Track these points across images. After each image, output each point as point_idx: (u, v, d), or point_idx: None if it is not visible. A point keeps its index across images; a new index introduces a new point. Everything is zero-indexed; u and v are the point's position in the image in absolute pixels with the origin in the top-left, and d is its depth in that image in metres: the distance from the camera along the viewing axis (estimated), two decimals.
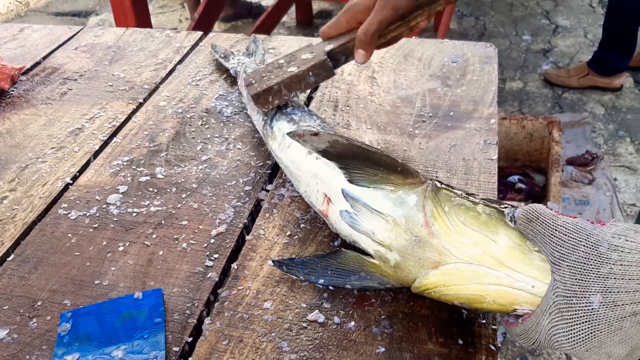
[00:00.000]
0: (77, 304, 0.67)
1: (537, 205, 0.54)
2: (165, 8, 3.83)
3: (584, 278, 0.48)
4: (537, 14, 3.47)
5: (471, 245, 0.56)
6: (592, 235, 0.49)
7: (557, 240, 0.51)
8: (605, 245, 0.48)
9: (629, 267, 0.46)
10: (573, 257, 0.49)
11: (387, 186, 0.63)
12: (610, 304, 0.46)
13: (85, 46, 1.22)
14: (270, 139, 0.83)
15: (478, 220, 0.57)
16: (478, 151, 0.86)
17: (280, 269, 0.69)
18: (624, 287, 0.46)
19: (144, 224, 0.77)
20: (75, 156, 0.90)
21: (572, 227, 0.51)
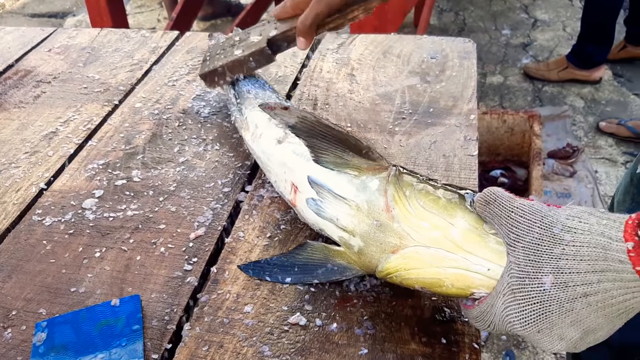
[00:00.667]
0: (53, 312, 0.65)
1: (495, 188, 0.54)
2: (143, 8, 3.79)
3: (537, 259, 0.48)
4: (516, 8, 3.48)
5: (430, 229, 0.56)
6: (546, 216, 0.49)
7: (513, 221, 0.51)
8: (559, 227, 0.48)
9: (580, 248, 0.46)
10: (528, 238, 0.49)
11: (351, 171, 0.64)
12: (561, 285, 0.47)
13: (59, 48, 1.19)
14: (243, 130, 0.84)
15: (437, 204, 0.57)
16: (458, 147, 0.86)
17: (246, 273, 0.68)
18: (576, 268, 0.46)
19: (120, 228, 0.76)
20: (49, 161, 0.88)
21: (528, 209, 0.51)
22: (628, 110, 2.58)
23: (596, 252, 0.45)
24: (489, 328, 0.55)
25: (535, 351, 1.65)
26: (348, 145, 0.65)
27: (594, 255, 0.45)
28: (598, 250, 0.45)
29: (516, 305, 0.49)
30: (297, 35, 0.82)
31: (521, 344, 1.66)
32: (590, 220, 0.47)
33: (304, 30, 0.81)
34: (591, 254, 0.46)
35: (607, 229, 0.46)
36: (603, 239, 0.45)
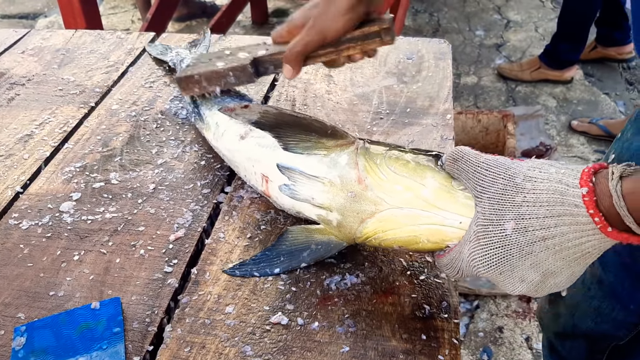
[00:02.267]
0: (32, 316, 0.65)
1: (462, 147, 0.58)
2: (116, 9, 3.75)
3: (501, 207, 0.51)
4: (489, 9, 3.53)
5: (402, 191, 0.60)
6: (510, 168, 0.52)
7: (479, 175, 0.54)
8: (521, 177, 0.51)
9: (540, 194, 0.49)
10: (493, 189, 0.52)
11: (319, 151, 0.67)
12: (522, 230, 0.50)
13: (32, 49, 1.18)
14: (205, 131, 0.85)
15: (407, 167, 0.61)
16: (435, 146, 0.87)
17: (233, 275, 0.68)
18: (535, 213, 0.49)
19: (99, 231, 0.75)
20: (25, 164, 0.87)
21: (493, 162, 0.54)
22: (599, 109, 2.63)
23: (554, 197, 0.48)
24: (458, 274, 0.58)
25: (512, 347, 1.68)
26: (313, 129, 0.67)
27: (552, 201, 0.49)
28: (556, 195, 0.48)
29: (480, 250, 0.53)
30: (284, 61, 0.77)
31: (498, 340, 1.68)
32: (550, 170, 0.50)
33: (290, 57, 0.76)
34: (549, 199, 0.49)
35: (564, 177, 0.49)
36: (561, 186, 0.48)
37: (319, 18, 0.72)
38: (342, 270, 0.69)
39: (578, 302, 0.97)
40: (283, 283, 0.67)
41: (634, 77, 2.88)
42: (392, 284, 0.67)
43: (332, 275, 0.68)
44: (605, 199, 0.47)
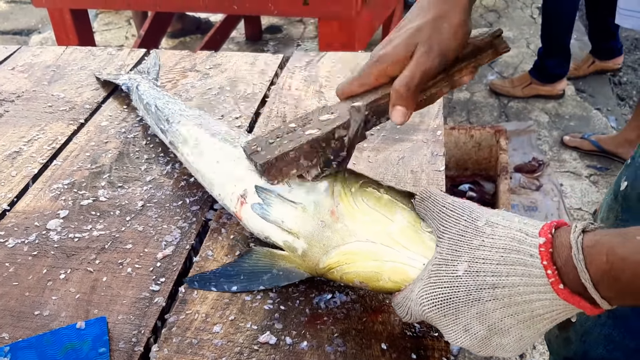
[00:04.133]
0: (16, 336, 0.63)
1: (432, 188, 0.58)
2: (110, 25, 3.76)
3: (458, 248, 0.50)
4: (480, 25, 3.56)
5: (371, 223, 0.59)
6: (474, 211, 0.52)
7: (443, 215, 0.54)
8: (483, 220, 0.51)
9: (498, 240, 0.49)
10: (454, 230, 0.52)
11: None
12: (473, 273, 0.48)
13: (22, 66, 1.18)
14: (180, 144, 0.83)
15: (379, 201, 0.60)
16: (426, 163, 0.87)
17: (192, 286, 0.68)
18: (489, 258, 0.48)
19: (86, 249, 0.74)
20: (12, 181, 0.86)
21: (458, 204, 0.53)
22: (590, 125, 2.64)
23: (511, 244, 0.48)
24: (407, 316, 0.56)
25: None
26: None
27: (508, 247, 0.48)
28: (513, 243, 0.48)
29: (428, 288, 0.51)
30: (393, 103, 0.62)
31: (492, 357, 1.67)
32: (514, 219, 0.50)
33: (406, 95, 0.61)
34: (506, 245, 0.48)
35: (526, 226, 0.48)
36: (519, 234, 0.48)
37: (434, 39, 0.61)
38: (332, 288, 0.68)
39: (589, 328, 0.95)
40: (272, 301, 0.67)
41: (625, 92, 2.90)
42: (382, 302, 0.66)
43: (321, 293, 0.67)
44: (563, 252, 0.45)
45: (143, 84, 0.98)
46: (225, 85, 1.08)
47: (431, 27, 0.61)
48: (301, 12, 1.71)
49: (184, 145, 0.82)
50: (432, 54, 0.60)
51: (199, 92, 1.06)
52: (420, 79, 0.61)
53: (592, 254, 0.44)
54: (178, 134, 0.83)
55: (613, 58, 2.91)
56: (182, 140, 0.82)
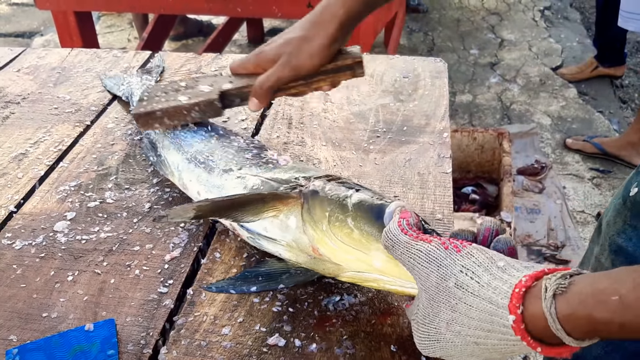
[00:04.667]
0: (24, 339, 0.63)
1: (391, 230, 0.55)
2: (113, 27, 3.76)
3: (436, 304, 0.51)
4: (483, 28, 3.56)
5: (355, 261, 0.61)
6: (442, 266, 0.51)
7: (414, 265, 0.53)
8: (453, 280, 0.50)
9: (470, 309, 0.48)
10: (427, 283, 0.52)
11: (269, 214, 0.67)
12: (455, 332, 0.49)
13: (28, 68, 1.18)
14: (170, 176, 0.83)
15: (352, 237, 0.61)
16: (432, 165, 0.87)
17: (209, 290, 0.68)
18: (467, 324, 0.48)
19: (93, 251, 0.74)
20: (19, 183, 0.86)
21: (425, 256, 0.52)
22: (593, 127, 2.64)
23: (483, 316, 0.47)
24: None
25: None
26: (252, 202, 0.66)
27: (482, 318, 0.47)
28: (485, 315, 0.47)
29: (420, 334, 0.53)
30: (251, 95, 0.77)
31: None
32: (483, 279, 0.48)
33: (260, 92, 0.76)
34: (479, 317, 0.48)
35: (495, 294, 0.47)
36: (490, 306, 0.47)
37: (293, 55, 0.74)
38: (340, 290, 0.68)
39: None
40: (280, 304, 0.66)
41: (627, 95, 2.90)
42: (391, 305, 0.66)
43: (329, 295, 0.67)
44: (538, 323, 0.45)
45: (137, 92, 0.97)
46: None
47: (295, 45, 0.74)
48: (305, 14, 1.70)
49: (171, 176, 0.82)
50: (287, 66, 0.74)
51: None
52: (273, 82, 0.75)
53: (570, 323, 0.44)
54: (166, 163, 0.83)
55: (617, 66, 2.92)
56: (169, 172, 0.82)
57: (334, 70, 0.76)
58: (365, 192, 0.65)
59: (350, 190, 0.65)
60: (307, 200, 0.65)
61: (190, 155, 0.79)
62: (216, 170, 0.75)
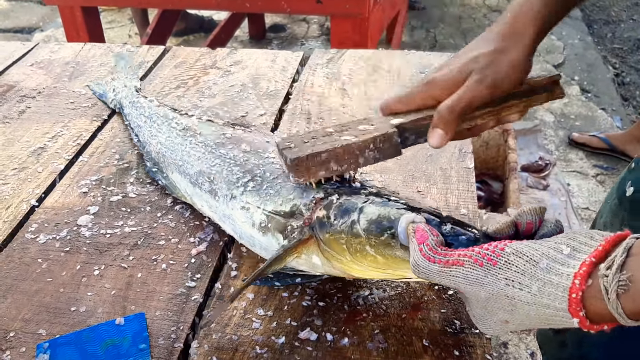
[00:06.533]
0: (54, 333, 0.63)
1: (420, 264, 0.52)
2: (113, 23, 3.75)
3: (492, 310, 0.50)
4: (484, 25, 3.56)
5: (391, 275, 0.61)
6: (485, 285, 0.49)
7: (458, 286, 0.51)
8: (502, 296, 0.49)
9: (528, 314, 0.48)
10: (477, 298, 0.51)
11: (290, 259, 0.64)
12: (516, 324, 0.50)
13: (41, 62, 1.17)
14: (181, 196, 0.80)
15: (377, 262, 0.59)
16: (454, 160, 0.87)
17: (254, 284, 0.67)
18: (526, 321, 0.49)
19: (119, 245, 0.74)
20: (39, 177, 0.86)
21: (464, 281, 0.50)
22: (596, 124, 2.65)
23: (543, 317, 0.47)
24: None
25: None
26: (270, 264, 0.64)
27: (541, 318, 0.47)
28: (545, 316, 0.47)
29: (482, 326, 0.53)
30: (433, 125, 0.62)
31: (503, 356, 1.67)
32: (533, 289, 0.47)
33: (448, 118, 0.60)
34: (539, 317, 0.47)
35: (550, 300, 0.46)
36: (549, 311, 0.46)
37: (490, 69, 0.60)
38: (369, 284, 0.68)
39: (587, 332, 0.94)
40: (309, 298, 0.66)
41: (629, 92, 2.91)
42: (420, 299, 0.66)
43: (358, 289, 0.67)
44: (602, 318, 0.44)
45: (126, 105, 0.94)
46: (247, 82, 1.07)
47: (489, 59, 0.61)
48: (314, 10, 1.70)
49: (185, 199, 0.80)
50: (483, 83, 0.60)
51: (221, 89, 1.06)
52: (465, 105, 0.60)
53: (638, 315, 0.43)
54: (175, 185, 0.81)
55: None
56: (182, 194, 0.80)
57: (527, 92, 0.64)
58: (369, 208, 0.60)
59: (354, 212, 0.60)
60: (318, 236, 0.62)
61: (193, 179, 0.76)
62: (220, 195, 0.72)
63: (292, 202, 0.66)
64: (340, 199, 0.62)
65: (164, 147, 0.82)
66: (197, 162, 0.76)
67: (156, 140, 0.84)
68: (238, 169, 0.72)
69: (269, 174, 0.70)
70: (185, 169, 0.77)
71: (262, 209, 0.68)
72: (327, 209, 0.62)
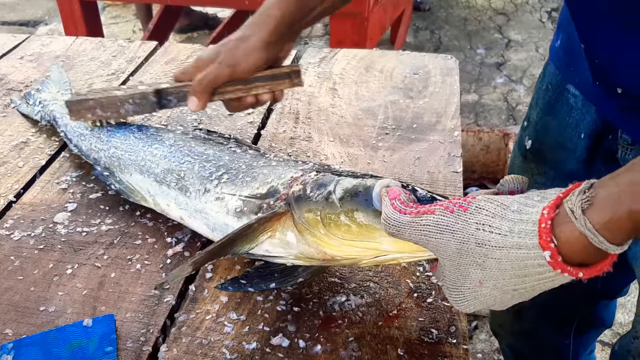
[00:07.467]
0: (20, 333, 0.61)
1: (390, 216, 0.52)
2: (118, 19, 3.74)
3: (463, 269, 0.49)
4: (490, 28, 3.53)
5: (365, 251, 0.59)
6: (456, 231, 0.49)
7: (428, 240, 0.50)
8: (472, 241, 0.48)
9: (499, 262, 0.46)
10: (447, 252, 0.50)
11: (264, 237, 0.64)
12: (490, 287, 0.48)
13: (31, 55, 1.16)
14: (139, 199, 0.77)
15: (351, 232, 0.58)
16: (442, 164, 0.85)
17: (225, 290, 0.65)
18: (500, 276, 0.47)
19: (94, 244, 0.72)
20: (19, 172, 0.84)
21: (435, 228, 0.50)
22: None
23: (516, 263, 0.46)
24: None
25: None
26: (241, 236, 0.63)
27: (515, 266, 0.46)
28: (517, 262, 0.46)
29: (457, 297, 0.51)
30: (190, 93, 0.76)
31: None
32: (503, 229, 0.46)
33: (198, 89, 0.75)
34: (512, 265, 0.46)
35: (521, 237, 0.45)
36: (520, 252, 0.45)
37: (230, 52, 0.75)
38: (347, 290, 0.66)
39: None
40: (284, 303, 0.65)
41: None
42: (398, 307, 0.64)
43: (335, 295, 0.66)
44: (574, 246, 0.44)
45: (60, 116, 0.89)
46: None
47: (232, 44, 0.75)
48: None
49: (144, 201, 0.77)
50: (223, 63, 0.74)
51: None
52: (209, 81, 0.75)
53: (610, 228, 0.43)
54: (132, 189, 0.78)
55: None
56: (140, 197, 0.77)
57: (271, 77, 0.76)
58: (345, 180, 0.61)
59: (330, 184, 0.61)
60: (294, 210, 0.62)
61: (160, 177, 0.74)
62: (192, 191, 0.71)
63: (270, 185, 0.66)
64: (317, 175, 0.63)
65: (120, 150, 0.79)
66: (164, 161, 0.75)
67: (109, 145, 0.80)
68: (210, 165, 0.72)
69: (245, 166, 0.70)
70: (149, 168, 0.75)
71: (237, 195, 0.67)
72: (304, 184, 0.63)
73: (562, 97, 0.83)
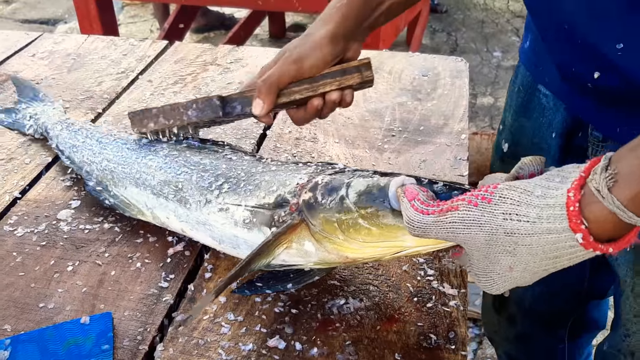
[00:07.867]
0: (18, 329, 0.62)
1: (414, 219, 0.52)
2: (136, 18, 3.77)
3: (493, 257, 0.49)
4: (507, 30, 3.50)
5: (388, 249, 0.58)
6: (483, 224, 0.48)
7: (456, 235, 0.50)
8: (501, 231, 0.48)
9: (530, 248, 0.47)
10: (476, 244, 0.49)
11: (280, 249, 0.62)
12: (521, 270, 0.49)
13: (43, 53, 1.17)
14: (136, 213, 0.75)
15: (372, 234, 0.57)
16: (448, 167, 0.84)
17: (242, 294, 0.65)
18: (531, 260, 0.47)
19: (96, 241, 0.73)
20: (26, 168, 0.85)
21: (461, 224, 0.49)
22: None
23: (547, 247, 0.46)
24: None
25: None
26: (259, 253, 0.61)
27: (546, 250, 0.46)
28: (548, 246, 0.46)
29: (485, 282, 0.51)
30: (255, 96, 0.71)
31: None
32: (531, 216, 0.46)
33: (262, 89, 0.70)
34: (543, 249, 0.46)
35: (550, 222, 0.45)
36: (551, 236, 0.45)
37: (295, 49, 0.71)
38: (346, 293, 0.65)
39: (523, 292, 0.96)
40: (282, 304, 0.64)
41: None
42: (398, 311, 0.63)
43: (334, 298, 0.65)
44: (605, 224, 0.44)
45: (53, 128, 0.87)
46: (245, 80, 1.05)
47: (297, 41, 0.72)
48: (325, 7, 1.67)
49: (141, 215, 0.75)
50: (289, 59, 0.71)
51: (219, 86, 1.04)
52: (276, 78, 0.70)
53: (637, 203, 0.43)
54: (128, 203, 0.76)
55: None
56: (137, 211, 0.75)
57: (339, 72, 0.72)
58: (356, 182, 0.60)
59: (341, 188, 0.60)
60: (308, 219, 0.61)
61: (157, 189, 0.72)
62: (192, 202, 0.69)
63: (276, 193, 0.64)
64: (325, 179, 0.62)
65: (113, 162, 0.77)
66: (159, 172, 0.73)
67: (101, 158, 0.78)
68: (208, 174, 0.70)
69: (244, 174, 0.68)
70: (144, 180, 0.73)
71: (243, 205, 0.65)
72: (313, 191, 0.61)
73: (534, 98, 0.82)
